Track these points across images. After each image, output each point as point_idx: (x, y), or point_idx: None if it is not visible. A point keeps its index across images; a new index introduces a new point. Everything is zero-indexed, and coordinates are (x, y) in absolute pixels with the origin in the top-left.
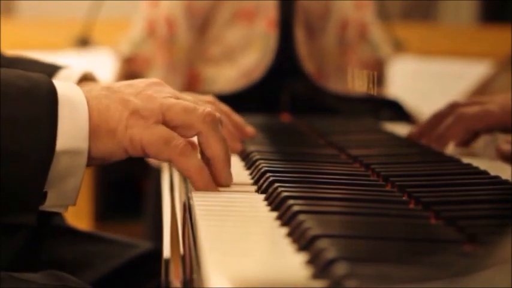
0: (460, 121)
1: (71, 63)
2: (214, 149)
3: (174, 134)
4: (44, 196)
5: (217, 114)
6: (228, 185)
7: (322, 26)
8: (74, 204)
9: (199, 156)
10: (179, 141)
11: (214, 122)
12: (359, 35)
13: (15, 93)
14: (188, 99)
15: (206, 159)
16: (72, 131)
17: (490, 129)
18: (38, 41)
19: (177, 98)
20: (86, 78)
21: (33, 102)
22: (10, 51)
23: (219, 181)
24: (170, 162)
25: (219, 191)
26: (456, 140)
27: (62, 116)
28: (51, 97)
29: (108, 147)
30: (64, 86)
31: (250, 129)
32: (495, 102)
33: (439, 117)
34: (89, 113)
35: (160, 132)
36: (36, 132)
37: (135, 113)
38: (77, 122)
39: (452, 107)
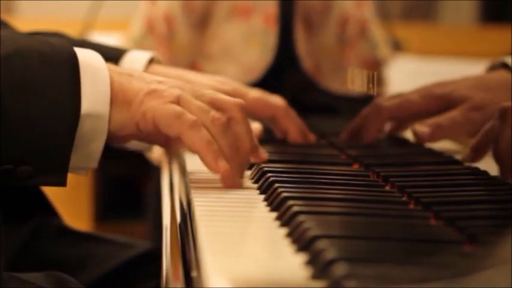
0: (378, 112)
1: None
2: (222, 150)
3: (186, 111)
4: None
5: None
6: (237, 187)
7: (321, 23)
8: (95, 167)
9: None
10: (189, 115)
11: (223, 127)
12: (359, 32)
13: (38, 58)
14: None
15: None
16: (94, 95)
17: (413, 117)
18: None
19: (197, 97)
20: (153, 61)
21: (56, 67)
22: None
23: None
24: (179, 137)
25: (219, 191)
26: (376, 130)
27: (84, 80)
28: (72, 61)
29: (121, 117)
30: (84, 52)
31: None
32: (416, 92)
33: (362, 116)
34: (110, 83)
35: (173, 108)
36: (60, 94)
37: (154, 91)
38: (98, 87)
39: (373, 103)
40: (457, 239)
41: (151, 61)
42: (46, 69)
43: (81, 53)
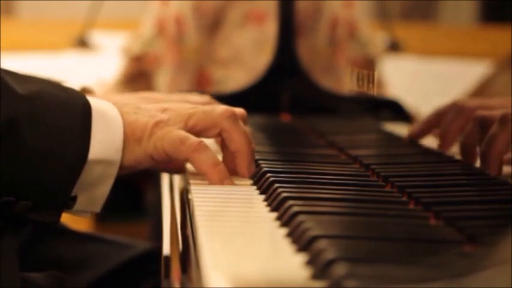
0: (462, 113)
1: (71, 64)
2: (238, 142)
3: (190, 135)
4: (74, 200)
5: (238, 110)
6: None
7: (312, 26)
8: (99, 211)
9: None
10: (193, 139)
11: (234, 117)
12: (348, 34)
13: (54, 103)
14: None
15: (230, 155)
16: (106, 143)
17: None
18: (38, 41)
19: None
20: (84, 92)
21: (70, 113)
22: (10, 51)
23: (243, 173)
24: (188, 161)
25: (219, 191)
26: (460, 134)
27: (96, 128)
28: (85, 109)
29: (135, 155)
30: (97, 101)
31: None
32: (495, 101)
33: (439, 115)
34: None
35: (178, 134)
36: (71, 139)
37: (160, 122)
38: (111, 135)
39: (453, 105)
40: (457, 239)
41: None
42: (61, 114)
43: (95, 102)
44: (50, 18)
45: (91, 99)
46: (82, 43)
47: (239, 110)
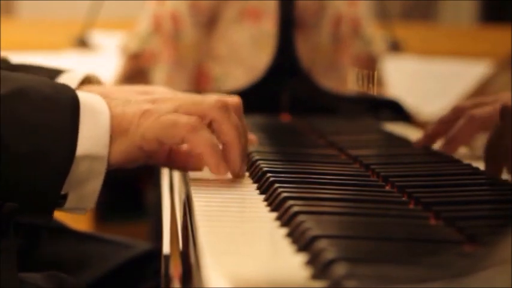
0: (473, 123)
1: (71, 64)
2: (228, 135)
3: (181, 115)
4: (64, 198)
5: (231, 100)
6: (238, 173)
7: (315, 23)
8: (93, 208)
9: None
10: (185, 118)
11: (225, 108)
12: (352, 31)
13: (40, 99)
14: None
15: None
16: (93, 137)
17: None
18: (38, 41)
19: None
20: (89, 80)
21: (57, 109)
22: (10, 51)
23: (233, 167)
24: (184, 143)
25: (219, 191)
26: (468, 142)
27: (83, 123)
28: (73, 104)
29: (122, 148)
30: (86, 95)
31: (252, 136)
32: (502, 101)
33: (445, 122)
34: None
35: (167, 117)
36: (58, 137)
37: (147, 111)
38: (98, 129)
39: (459, 111)
40: (457, 239)
41: (87, 79)
42: (47, 111)
43: (83, 96)
44: (50, 18)
45: (80, 93)
46: (82, 43)
47: (232, 100)
